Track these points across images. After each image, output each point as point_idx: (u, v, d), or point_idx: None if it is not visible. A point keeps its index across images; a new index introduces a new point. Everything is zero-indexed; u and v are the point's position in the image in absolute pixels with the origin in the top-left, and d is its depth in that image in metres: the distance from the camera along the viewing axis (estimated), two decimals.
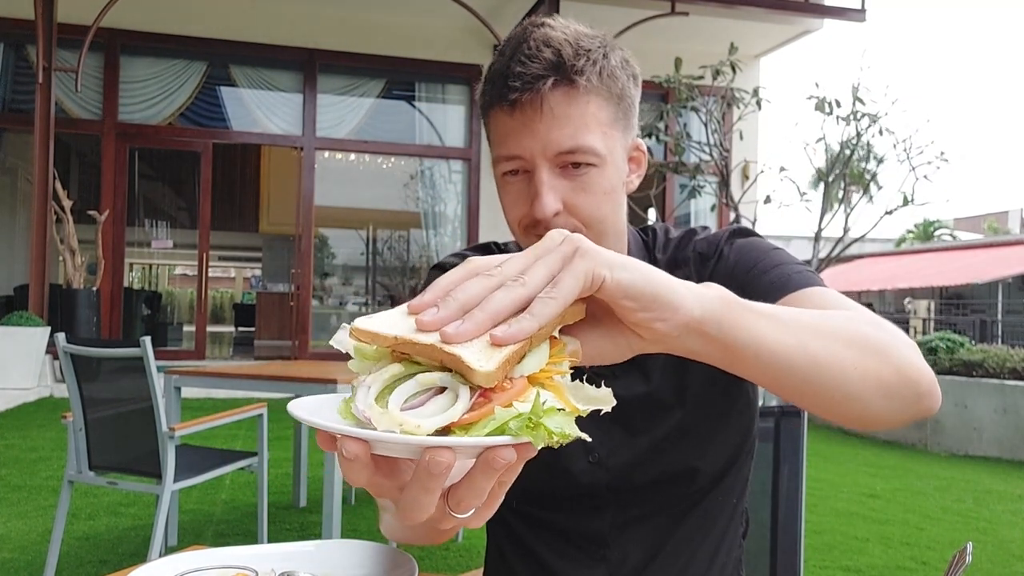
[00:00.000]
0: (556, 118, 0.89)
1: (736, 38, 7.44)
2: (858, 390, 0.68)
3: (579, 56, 0.89)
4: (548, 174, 0.91)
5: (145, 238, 12.81)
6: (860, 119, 7.21)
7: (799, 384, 0.67)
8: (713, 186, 8.11)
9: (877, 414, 0.72)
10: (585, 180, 0.91)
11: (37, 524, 3.66)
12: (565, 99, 0.89)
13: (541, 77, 0.88)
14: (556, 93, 0.89)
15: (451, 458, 0.50)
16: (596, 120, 0.91)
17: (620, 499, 1.01)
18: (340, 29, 9.84)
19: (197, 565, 0.82)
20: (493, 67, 0.93)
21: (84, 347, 2.82)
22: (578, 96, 0.90)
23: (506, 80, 0.89)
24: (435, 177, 10.73)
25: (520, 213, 0.94)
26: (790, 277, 0.91)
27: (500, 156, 0.94)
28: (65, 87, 8.65)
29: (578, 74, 0.89)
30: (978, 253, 21.11)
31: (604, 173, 0.92)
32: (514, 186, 0.94)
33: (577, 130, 0.90)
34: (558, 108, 0.89)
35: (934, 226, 35.34)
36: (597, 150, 0.91)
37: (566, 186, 0.91)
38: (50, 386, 7.61)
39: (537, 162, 0.91)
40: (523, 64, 0.89)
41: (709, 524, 1.03)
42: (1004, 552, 3.78)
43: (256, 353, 12.70)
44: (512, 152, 0.92)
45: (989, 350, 6.71)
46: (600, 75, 0.90)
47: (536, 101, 0.89)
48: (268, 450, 3.30)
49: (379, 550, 0.86)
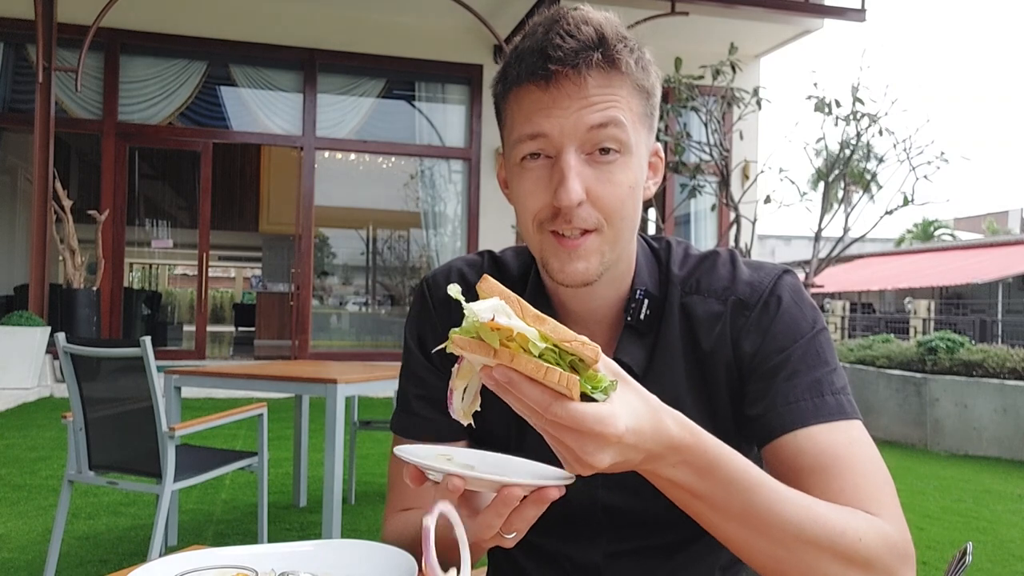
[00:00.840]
0: (590, 97, 0.85)
1: (736, 38, 7.45)
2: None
3: (618, 40, 0.86)
4: (575, 158, 0.86)
5: (145, 238, 12.82)
6: (860, 119, 7.21)
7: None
8: (713, 186, 8.11)
9: None
10: (611, 169, 0.87)
11: (37, 524, 3.66)
12: (604, 78, 0.85)
13: (583, 51, 0.84)
14: (596, 70, 0.85)
15: (522, 492, 0.68)
16: (628, 106, 0.87)
17: (615, 527, 0.97)
18: (340, 29, 9.84)
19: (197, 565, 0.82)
20: (522, 45, 0.88)
21: (84, 347, 2.82)
22: (617, 77, 0.86)
23: (544, 53, 0.85)
24: (435, 177, 10.73)
25: (539, 203, 0.88)
26: (817, 405, 0.86)
27: (523, 135, 0.87)
28: (65, 87, 8.66)
29: (619, 55, 0.86)
30: (978, 253, 21.12)
31: (630, 164, 0.88)
32: (533, 172, 0.88)
33: (611, 106, 0.85)
34: (595, 87, 0.85)
35: (934, 226, 35.36)
36: (627, 133, 0.87)
37: (591, 174, 0.86)
38: (50, 386, 7.61)
39: (564, 143, 0.86)
40: (563, 39, 0.84)
41: (707, 555, 1.00)
42: (1004, 552, 3.78)
43: (256, 353, 12.71)
44: (539, 129, 0.86)
45: (989, 350, 6.70)
46: (637, 63, 0.88)
47: (576, 76, 0.84)
48: (268, 450, 3.30)
49: (379, 550, 0.86)
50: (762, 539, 0.76)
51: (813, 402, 0.86)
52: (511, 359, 0.63)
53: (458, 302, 0.97)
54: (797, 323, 0.91)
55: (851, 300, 20.17)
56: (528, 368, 0.63)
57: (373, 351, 11.01)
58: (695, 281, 0.97)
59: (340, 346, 11.20)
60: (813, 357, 0.90)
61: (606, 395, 0.65)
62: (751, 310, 0.93)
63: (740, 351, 0.92)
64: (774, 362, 0.90)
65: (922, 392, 6.65)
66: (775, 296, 0.93)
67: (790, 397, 0.87)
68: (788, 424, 0.86)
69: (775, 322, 0.91)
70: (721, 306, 0.94)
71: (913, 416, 6.72)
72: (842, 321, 15.41)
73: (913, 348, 7.11)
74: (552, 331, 0.64)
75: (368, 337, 12.46)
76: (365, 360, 7.89)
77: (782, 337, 0.91)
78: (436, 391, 1.00)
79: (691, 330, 0.94)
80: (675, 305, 0.95)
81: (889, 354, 7.27)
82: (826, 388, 0.87)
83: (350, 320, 12.91)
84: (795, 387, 0.87)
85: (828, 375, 0.89)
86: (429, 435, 1.00)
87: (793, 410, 0.86)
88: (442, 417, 1.00)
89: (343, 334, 12.28)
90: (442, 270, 1.07)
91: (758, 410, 0.88)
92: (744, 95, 7.20)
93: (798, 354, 0.89)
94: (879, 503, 0.81)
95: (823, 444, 0.84)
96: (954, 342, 6.81)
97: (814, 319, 0.92)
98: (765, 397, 0.88)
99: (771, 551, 0.76)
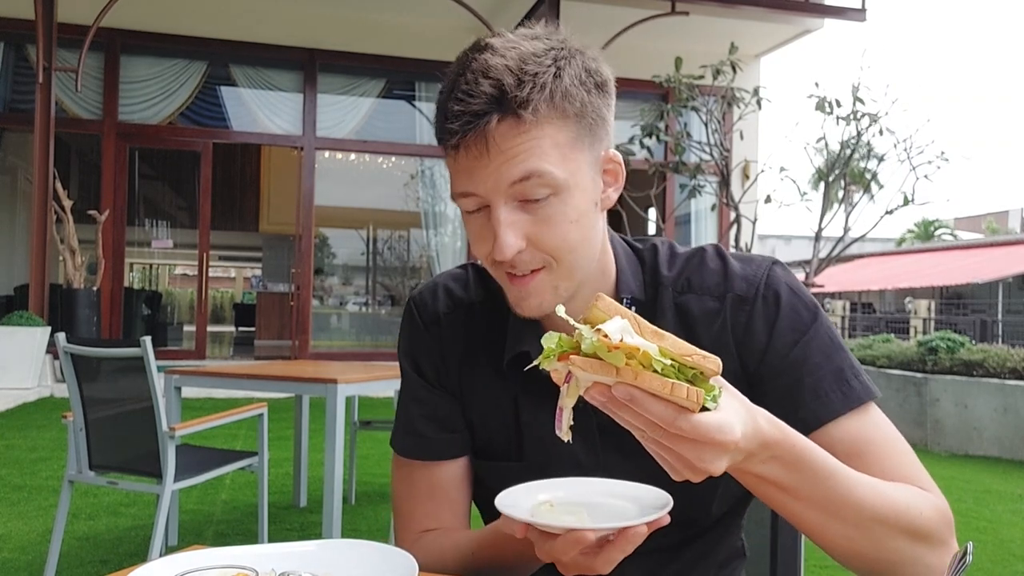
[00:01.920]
0: (503, 153, 0.82)
1: (736, 38, 7.45)
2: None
3: (523, 84, 0.81)
4: (505, 211, 0.84)
5: (145, 238, 12.82)
6: (860, 119, 7.21)
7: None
8: (713, 186, 8.12)
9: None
10: (547, 211, 0.84)
11: (37, 524, 3.66)
12: (511, 132, 0.82)
13: (482, 114, 0.81)
14: (501, 128, 0.81)
15: (647, 530, 0.71)
16: (553, 144, 0.83)
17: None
18: (340, 29, 9.84)
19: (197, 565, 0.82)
20: (438, 101, 0.87)
21: (84, 347, 2.82)
22: (525, 128, 0.82)
23: (445, 120, 0.83)
24: (435, 177, 10.73)
25: (485, 250, 0.88)
26: (846, 393, 0.89)
27: (455, 193, 0.87)
28: (65, 87, 8.66)
29: (522, 106, 0.81)
30: (978, 253, 21.12)
31: (569, 200, 0.85)
32: (475, 223, 0.88)
33: (529, 158, 0.82)
34: (504, 143, 0.82)
35: (934, 226, 35.35)
36: (554, 176, 0.83)
37: (527, 220, 0.85)
38: (50, 386, 7.61)
39: (492, 199, 0.84)
40: (461, 102, 0.81)
41: (707, 555, 1.01)
42: (1004, 552, 3.78)
43: (256, 353, 12.71)
44: (466, 189, 0.85)
45: (989, 350, 6.70)
46: (551, 99, 0.82)
47: (479, 140, 0.82)
48: (268, 450, 3.30)
49: (379, 550, 0.86)
50: (838, 522, 0.79)
51: (841, 391, 0.88)
52: (635, 377, 0.65)
53: (447, 317, 1.03)
54: (801, 313, 0.92)
55: (851, 300, 20.17)
56: (653, 385, 0.64)
57: (373, 351, 11.01)
58: (686, 280, 0.96)
59: (340, 346, 11.20)
60: (827, 343, 0.91)
61: (716, 403, 0.67)
62: (750, 304, 0.93)
63: (748, 346, 0.92)
64: (792, 357, 0.90)
65: (922, 392, 6.65)
66: (772, 289, 0.93)
67: (819, 391, 0.88)
68: (822, 417, 0.88)
69: (780, 315, 0.92)
70: (717, 303, 0.94)
71: (913, 416, 6.72)
72: (842, 321, 15.42)
73: (913, 348, 7.11)
74: (672, 346, 0.66)
75: (368, 337, 12.46)
76: (365, 360, 7.89)
77: (791, 330, 0.91)
78: (440, 409, 1.01)
79: (688, 329, 0.94)
80: (668, 306, 0.95)
81: (889, 354, 7.27)
82: (849, 373, 0.89)
83: (350, 320, 12.92)
84: (822, 380, 0.89)
85: (846, 358, 0.91)
86: (433, 455, 1.01)
87: (825, 403, 0.88)
88: (446, 435, 1.01)
89: (343, 334, 12.28)
90: (428, 288, 1.07)
91: (787, 408, 0.88)
92: (744, 95, 7.20)
93: (814, 345, 0.91)
94: (921, 479, 0.86)
95: (856, 431, 0.87)
96: (954, 342, 6.80)
97: (813, 303, 0.94)
98: (792, 394, 0.89)
99: (845, 531, 0.80)
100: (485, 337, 1.00)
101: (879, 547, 0.80)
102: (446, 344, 1.02)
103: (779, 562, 1.30)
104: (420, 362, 1.03)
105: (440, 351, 1.02)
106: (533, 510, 0.77)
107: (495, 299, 0.99)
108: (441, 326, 1.02)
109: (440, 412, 1.01)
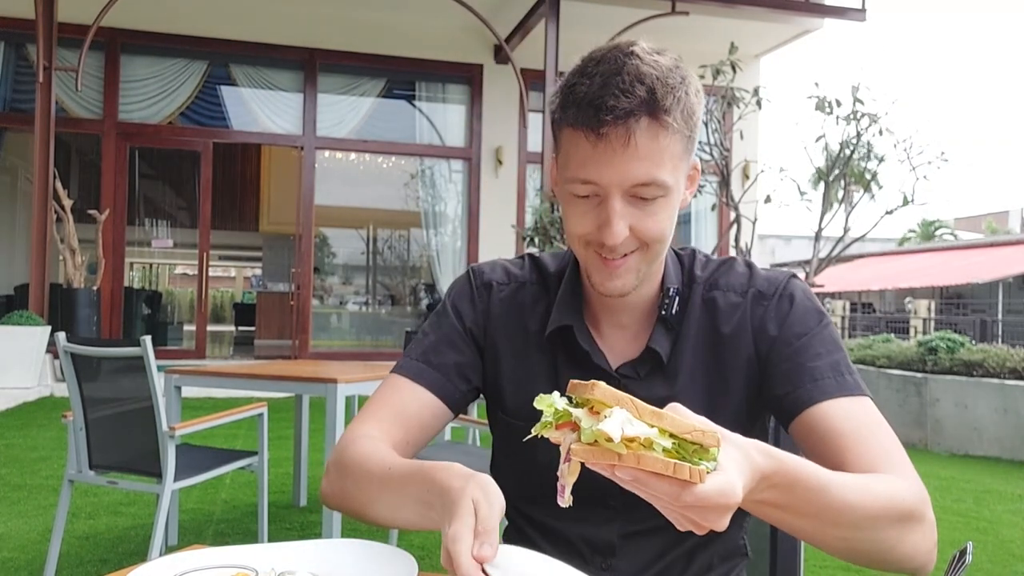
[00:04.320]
0: (639, 153, 0.92)
1: (736, 38, 7.44)
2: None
3: (668, 95, 0.92)
4: (620, 203, 0.95)
5: (145, 238, 12.81)
6: (860, 119, 7.21)
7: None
8: (713, 186, 8.11)
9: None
10: (654, 208, 0.96)
11: (37, 523, 3.66)
12: (651, 135, 0.92)
13: (633, 113, 0.91)
14: (644, 129, 0.92)
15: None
16: (671, 154, 0.94)
17: (629, 509, 1.01)
18: (340, 29, 9.84)
19: (197, 565, 0.82)
20: (578, 89, 0.94)
21: (84, 346, 2.82)
22: (663, 133, 0.93)
23: (597, 110, 0.91)
24: (435, 177, 10.73)
25: (585, 230, 0.98)
26: (839, 382, 0.99)
27: (575, 178, 0.96)
28: (65, 86, 8.66)
29: (666, 113, 0.92)
30: (978, 253, 21.11)
31: (670, 202, 0.97)
32: (581, 206, 0.98)
33: (655, 165, 0.93)
34: (643, 144, 0.92)
35: (934, 226, 35.33)
36: (667, 183, 0.95)
37: (635, 213, 0.96)
38: (50, 385, 7.61)
39: (612, 191, 0.94)
40: (616, 97, 0.90)
41: (713, 540, 1.07)
42: (1004, 552, 3.78)
43: (256, 353, 12.69)
44: (589, 178, 0.94)
45: (989, 350, 6.70)
46: (683, 113, 0.94)
47: (624, 135, 0.91)
48: (268, 450, 3.30)
49: (379, 549, 0.86)
50: (833, 527, 0.85)
51: (836, 380, 0.99)
52: (637, 461, 0.68)
53: (500, 287, 1.14)
54: (811, 314, 1.06)
55: (851, 300, 20.16)
56: (656, 467, 0.68)
57: (373, 351, 11.01)
58: (715, 280, 1.10)
59: (340, 346, 11.20)
60: (830, 343, 1.04)
61: (715, 461, 0.71)
62: (769, 300, 1.06)
63: (762, 334, 1.05)
64: (796, 345, 1.03)
65: (922, 392, 6.65)
66: (789, 291, 1.07)
67: (816, 374, 1.00)
68: (817, 396, 0.98)
69: (792, 312, 1.05)
70: (740, 298, 1.08)
71: (913, 416, 6.71)
72: (842, 321, 15.41)
73: (913, 348, 7.11)
74: (671, 424, 0.70)
75: (368, 337, 12.45)
76: (365, 360, 7.89)
77: (800, 324, 1.04)
78: (462, 355, 1.11)
79: (712, 319, 1.07)
80: (697, 301, 1.08)
81: (889, 354, 7.27)
82: (844, 369, 1.01)
83: (350, 320, 12.91)
84: (819, 367, 1.00)
85: (844, 358, 1.03)
86: (428, 383, 1.08)
87: (820, 386, 0.99)
88: (452, 378, 1.10)
89: (343, 334, 12.28)
90: (488, 262, 1.19)
91: (787, 388, 1.01)
92: (744, 95, 7.20)
93: (818, 339, 1.03)
94: (902, 464, 0.94)
95: (848, 413, 0.97)
96: (954, 342, 6.80)
97: (822, 311, 1.07)
98: (792, 375, 1.01)
99: (841, 534, 0.86)
100: (531, 309, 1.12)
101: (872, 540, 0.87)
102: (492, 307, 1.14)
103: (779, 562, 1.30)
104: (462, 309, 1.14)
105: (485, 311, 1.14)
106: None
107: (546, 281, 1.14)
108: (492, 292, 1.14)
109: (459, 358, 1.11)
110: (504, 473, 1.12)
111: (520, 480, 1.09)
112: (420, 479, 0.85)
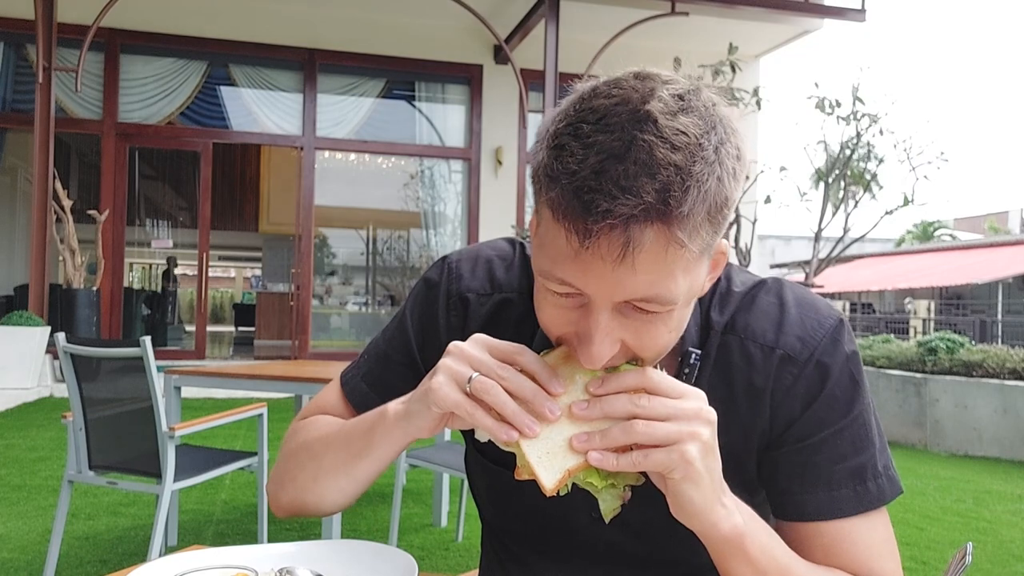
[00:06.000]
0: (638, 268, 0.68)
1: (736, 38, 7.44)
2: None
3: (687, 194, 0.66)
4: (607, 317, 0.72)
5: (145, 238, 12.82)
6: (860, 119, 7.21)
7: None
8: None
9: None
10: (653, 321, 0.73)
11: (37, 524, 3.66)
12: (658, 247, 0.67)
13: (634, 220, 0.66)
14: (649, 241, 0.67)
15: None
16: (684, 264, 0.70)
17: (612, 563, 0.95)
18: (340, 29, 9.84)
19: (197, 565, 0.82)
20: (565, 161, 0.68)
21: (84, 347, 2.81)
22: (672, 244, 0.68)
23: (587, 208, 0.66)
24: (435, 177, 10.73)
25: (559, 331, 0.77)
26: (859, 493, 0.86)
27: (551, 276, 0.72)
28: (65, 87, 8.66)
29: (683, 219, 0.67)
30: (978, 253, 21.10)
31: (676, 312, 0.74)
32: (558, 303, 0.75)
33: (660, 279, 0.69)
34: (645, 259, 0.68)
35: (934, 226, 35.33)
36: (675, 297, 0.71)
37: (626, 325, 0.73)
38: (50, 386, 7.61)
39: (599, 303, 0.71)
40: (613, 198, 0.65)
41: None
42: (1004, 552, 3.78)
43: (256, 353, 12.70)
44: (569, 282, 0.71)
45: (989, 350, 6.70)
46: (708, 209, 0.69)
47: (620, 246, 0.67)
48: (268, 450, 3.30)
49: (379, 550, 0.86)
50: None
51: (855, 489, 0.85)
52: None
53: (478, 300, 0.96)
54: (847, 399, 0.86)
55: (851, 300, 20.16)
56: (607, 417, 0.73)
57: None
58: (734, 321, 0.88)
59: (340, 346, 11.19)
60: (861, 438, 0.86)
61: None
62: (799, 368, 0.85)
63: (780, 411, 0.86)
64: (817, 438, 0.85)
65: (922, 392, 6.65)
66: (825, 364, 0.85)
67: (833, 483, 0.84)
68: (827, 513, 0.85)
69: (824, 394, 0.85)
70: (761, 352, 0.86)
71: (913, 416, 6.71)
72: None
73: (913, 348, 7.11)
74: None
75: (368, 337, 12.41)
76: None
77: (828, 411, 0.85)
78: (410, 386, 0.85)
79: (723, 374, 0.88)
80: (712, 352, 0.88)
81: (889, 354, 7.27)
82: (869, 473, 0.85)
83: (350, 320, 12.90)
84: (838, 472, 0.85)
85: (873, 456, 0.86)
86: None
87: (835, 498, 0.84)
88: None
89: (343, 334, 12.27)
90: (469, 258, 0.97)
91: (794, 486, 0.85)
92: (744, 95, 7.20)
93: (846, 435, 0.85)
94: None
95: (858, 536, 0.85)
96: (954, 342, 6.80)
97: (861, 389, 0.87)
98: (806, 474, 0.85)
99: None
100: (516, 330, 0.91)
101: None
102: (468, 326, 0.93)
103: None
104: (425, 327, 0.96)
105: (460, 328, 0.94)
106: None
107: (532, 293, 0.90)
108: (469, 308, 0.94)
109: (404, 385, 0.88)
110: (491, 503, 1.03)
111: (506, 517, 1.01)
112: (382, 408, 0.84)
